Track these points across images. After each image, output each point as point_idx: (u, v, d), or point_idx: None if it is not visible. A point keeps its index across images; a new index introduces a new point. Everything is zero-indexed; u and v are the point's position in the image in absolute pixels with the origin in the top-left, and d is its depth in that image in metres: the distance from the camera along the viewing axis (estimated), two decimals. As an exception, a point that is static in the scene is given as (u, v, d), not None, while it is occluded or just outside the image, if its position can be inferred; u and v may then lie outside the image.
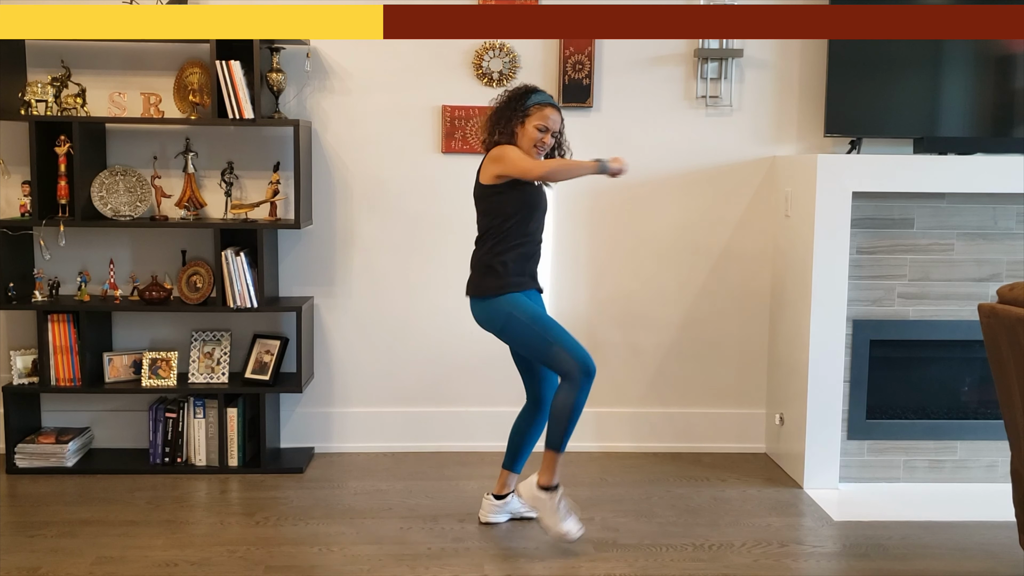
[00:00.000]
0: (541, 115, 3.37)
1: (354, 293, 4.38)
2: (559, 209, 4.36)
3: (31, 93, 3.99)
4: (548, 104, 3.40)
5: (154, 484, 3.99)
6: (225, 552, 3.33)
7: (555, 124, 3.40)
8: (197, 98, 4.09)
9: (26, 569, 3.17)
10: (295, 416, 4.40)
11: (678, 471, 4.23)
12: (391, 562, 3.26)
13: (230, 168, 4.19)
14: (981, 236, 4.03)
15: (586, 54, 4.24)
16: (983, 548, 3.46)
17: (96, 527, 3.53)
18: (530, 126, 3.37)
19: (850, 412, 4.07)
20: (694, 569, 3.25)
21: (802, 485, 4.02)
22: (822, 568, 3.29)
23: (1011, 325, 2.78)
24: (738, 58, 4.28)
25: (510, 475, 3.59)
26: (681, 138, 4.35)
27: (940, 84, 4.17)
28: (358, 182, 4.31)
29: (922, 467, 4.12)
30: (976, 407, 4.18)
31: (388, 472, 4.16)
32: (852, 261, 3.98)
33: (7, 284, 4.06)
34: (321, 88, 4.25)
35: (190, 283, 4.16)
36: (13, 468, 4.07)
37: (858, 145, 4.19)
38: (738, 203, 4.40)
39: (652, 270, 4.42)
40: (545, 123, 3.37)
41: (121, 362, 4.20)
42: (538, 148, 3.39)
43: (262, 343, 4.24)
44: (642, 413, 4.47)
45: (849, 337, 4.02)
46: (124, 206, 4.09)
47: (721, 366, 4.48)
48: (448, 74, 4.27)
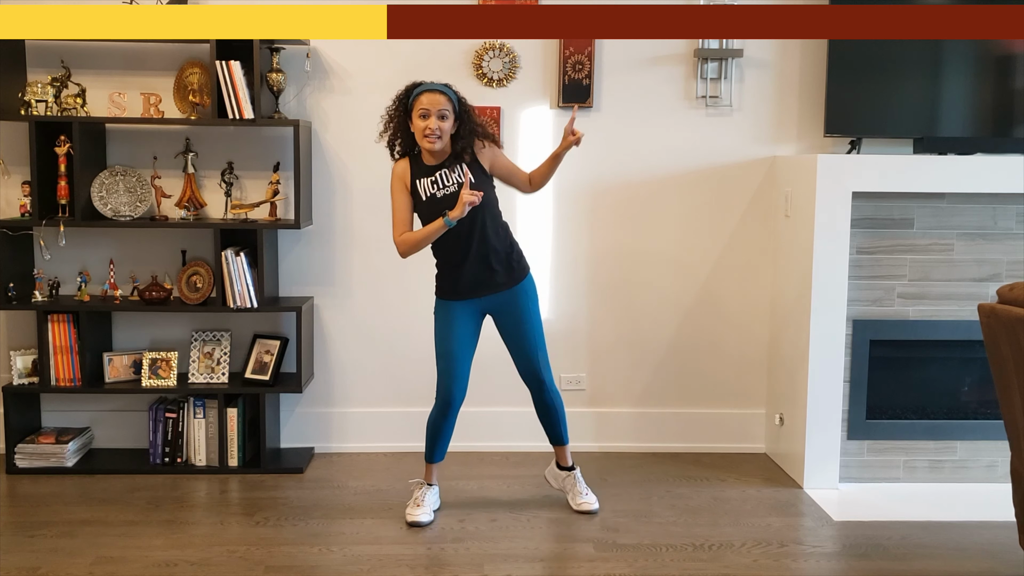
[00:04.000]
0: (417, 103, 3.35)
1: (354, 293, 4.38)
2: (559, 209, 4.36)
3: (31, 93, 3.99)
4: (424, 92, 3.36)
5: (154, 484, 3.98)
6: (225, 552, 3.33)
7: (435, 104, 3.33)
8: (197, 98, 4.09)
9: (26, 569, 3.17)
10: (295, 416, 4.40)
11: (678, 471, 4.23)
12: (391, 562, 3.26)
13: (230, 168, 4.19)
14: (981, 236, 4.03)
15: (586, 54, 4.24)
16: (983, 548, 3.46)
17: (96, 527, 3.53)
18: (415, 119, 3.37)
19: (850, 412, 4.07)
20: (694, 569, 3.25)
21: (802, 485, 4.02)
22: (822, 568, 3.29)
23: (1011, 325, 2.78)
24: (738, 58, 4.28)
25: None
26: (681, 138, 4.35)
27: (940, 84, 4.17)
28: (358, 182, 4.31)
29: (922, 467, 4.13)
30: (976, 407, 4.18)
31: (388, 472, 4.16)
32: (852, 261, 3.98)
33: (7, 284, 4.06)
34: (321, 88, 4.25)
35: (190, 283, 4.15)
36: (13, 468, 4.07)
37: (858, 145, 4.19)
38: (738, 203, 4.40)
39: (652, 270, 4.42)
40: (422, 107, 3.33)
41: (121, 362, 4.20)
42: (429, 137, 3.35)
43: (262, 343, 4.24)
44: (642, 413, 4.47)
45: (849, 337, 4.02)
46: (124, 206, 4.09)
47: (721, 366, 4.49)
48: (448, 74, 4.26)
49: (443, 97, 3.35)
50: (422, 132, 3.35)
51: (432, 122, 3.33)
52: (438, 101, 3.34)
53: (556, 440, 3.75)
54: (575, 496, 3.72)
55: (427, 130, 3.33)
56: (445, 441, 3.67)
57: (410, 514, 3.62)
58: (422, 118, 3.34)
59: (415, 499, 3.67)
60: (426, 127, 3.33)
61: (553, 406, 3.67)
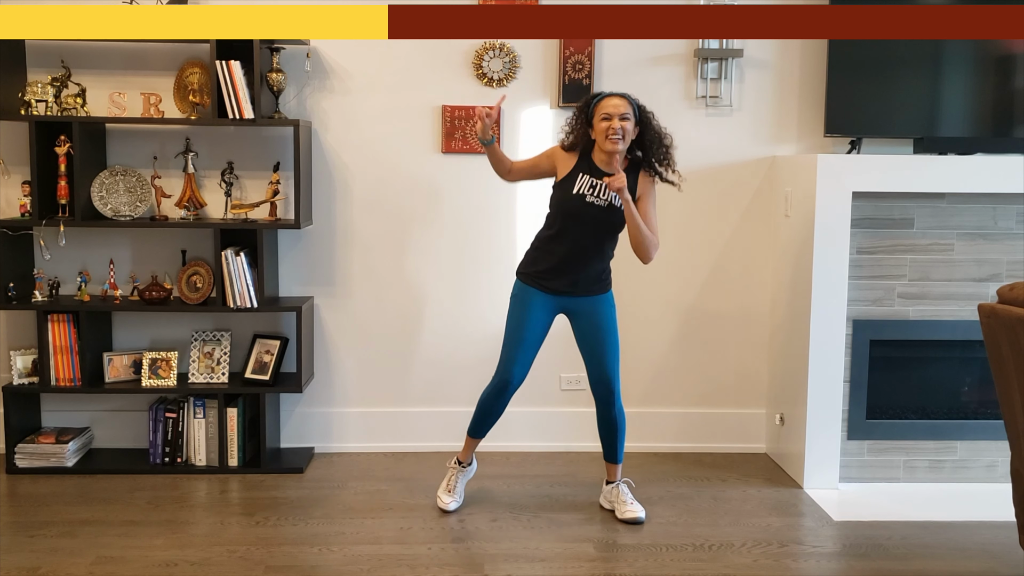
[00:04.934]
0: (599, 109, 3.43)
1: (354, 293, 4.38)
2: (559, 209, 4.35)
3: (31, 93, 3.99)
4: (604, 97, 3.45)
5: (154, 484, 3.98)
6: (225, 552, 3.33)
7: (617, 109, 3.40)
8: (197, 98, 4.09)
9: (26, 569, 3.17)
10: (295, 416, 4.40)
11: (678, 471, 4.23)
12: (391, 562, 3.26)
13: (230, 168, 4.19)
14: (981, 236, 4.03)
15: (586, 54, 4.24)
16: (983, 548, 3.46)
17: (96, 527, 3.53)
18: (596, 124, 3.44)
19: (850, 412, 4.07)
20: (694, 569, 3.25)
21: (802, 485, 4.02)
22: (822, 568, 3.30)
23: (1011, 325, 2.79)
24: (738, 58, 4.28)
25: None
26: (681, 138, 4.31)
27: (940, 84, 4.17)
28: (358, 182, 4.31)
29: (922, 467, 4.13)
30: (976, 407, 4.18)
31: (388, 472, 4.16)
32: (852, 261, 3.99)
33: (7, 284, 4.06)
34: (321, 88, 4.25)
35: (190, 283, 4.15)
36: (13, 468, 4.07)
37: (858, 145, 4.19)
38: (738, 203, 4.40)
39: (652, 270, 4.42)
40: (606, 111, 3.41)
41: (121, 362, 4.20)
42: (612, 137, 3.40)
43: (262, 343, 4.24)
44: (642, 413, 4.47)
45: (849, 337, 4.02)
46: (124, 206, 4.09)
47: (721, 366, 4.49)
48: (448, 74, 4.27)
49: (623, 101, 3.43)
50: (604, 133, 3.41)
51: (615, 123, 3.40)
52: (619, 105, 3.42)
53: (611, 458, 3.72)
54: (621, 505, 3.68)
55: (610, 130, 3.40)
56: (493, 420, 3.71)
57: (440, 498, 3.75)
58: (604, 119, 3.41)
59: (448, 482, 3.78)
60: (609, 127, 3.40)
61: (617, 423, 3.66)
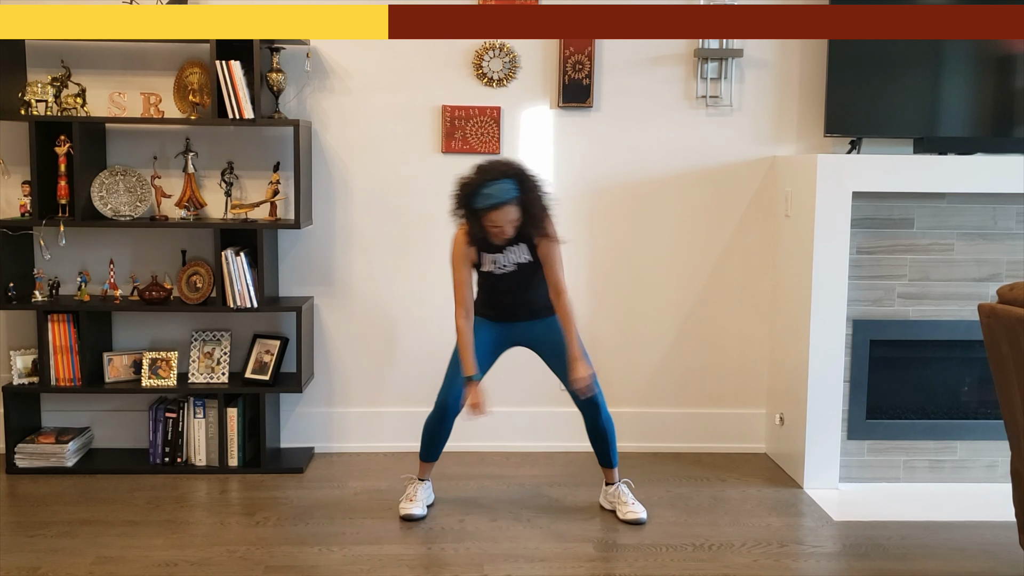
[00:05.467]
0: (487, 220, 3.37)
1: (354, 293, 4.38)
2: (559, 209, 4.35)
3: (31, 93, 3.99)
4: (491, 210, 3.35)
5: (154, 484, 3.98)
6: (225, 552, 3.33)
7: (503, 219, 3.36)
8: (197, 98, 4.09)
9: (26, 569, 3.17)
10: (295, 416, 4.40)
11: (678, 471, 4.23)
12: (391, 562, 3.26)
13: (230, 168, 4.19)
14: (981, 236, 4.03)
15: (586, 54, 4.24)
16: (983, 548, 3.46)
17: (96, 527, 3.53)
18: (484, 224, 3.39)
19: (850, 412, 4.07)
20: (694, 569, 3.25)
21: (802, 485, 4.02)
22: (822, 568, 3.29)
23: (1011, 325, 2.79)
24: (738, 58, 4.28)
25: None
26: (681, 138, 4.35)
27: (940, 84, 4.17)
28: (358, 182, 4.31)
29: (922, 467, 4.13)
30: (976, 407, 4.18)
31: (388, 472, 4.16)
32: (852, 261, 3.99)
33: (7, 284, 4.05)
34: (321, 88, 4.25)
35: (190, 283, 4.15)
36: (13, 468, 4.07)
37: (858, 145, 4.19)
38: (738, 203, 4.40)
39: (652, 270, 4.42)
40: (495, 223, 3.37)
41: (121, 362, 4.20)
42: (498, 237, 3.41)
43: (262, 343, 4.24)
44: (642, 413, 4.47)
45: (849, 337, 4.02)
46: (124, 206, 4.09)
47: (721, 366, 4.48)
48: (448, 74, 4.27)
49: (511, 208, 3.37)
50: (494, 234, 3.41)
51: (506, 229, 3.39)
52: (506, 215, 3.37)
53: (606, 463, 3.74)
54: (622, 506, 3.70)
55: (502, 233, 3.41)
56: (440, 444, 3.73)
57: (403, 508, 3.66)
58: (494, 227, 3.39)
59: (407, 494, 3.72)
60: (500, 232, 3.40)
61: (606, 431, 3.68)
